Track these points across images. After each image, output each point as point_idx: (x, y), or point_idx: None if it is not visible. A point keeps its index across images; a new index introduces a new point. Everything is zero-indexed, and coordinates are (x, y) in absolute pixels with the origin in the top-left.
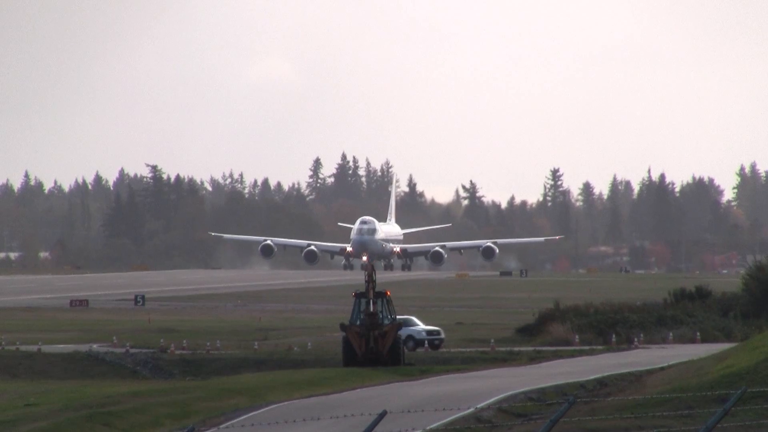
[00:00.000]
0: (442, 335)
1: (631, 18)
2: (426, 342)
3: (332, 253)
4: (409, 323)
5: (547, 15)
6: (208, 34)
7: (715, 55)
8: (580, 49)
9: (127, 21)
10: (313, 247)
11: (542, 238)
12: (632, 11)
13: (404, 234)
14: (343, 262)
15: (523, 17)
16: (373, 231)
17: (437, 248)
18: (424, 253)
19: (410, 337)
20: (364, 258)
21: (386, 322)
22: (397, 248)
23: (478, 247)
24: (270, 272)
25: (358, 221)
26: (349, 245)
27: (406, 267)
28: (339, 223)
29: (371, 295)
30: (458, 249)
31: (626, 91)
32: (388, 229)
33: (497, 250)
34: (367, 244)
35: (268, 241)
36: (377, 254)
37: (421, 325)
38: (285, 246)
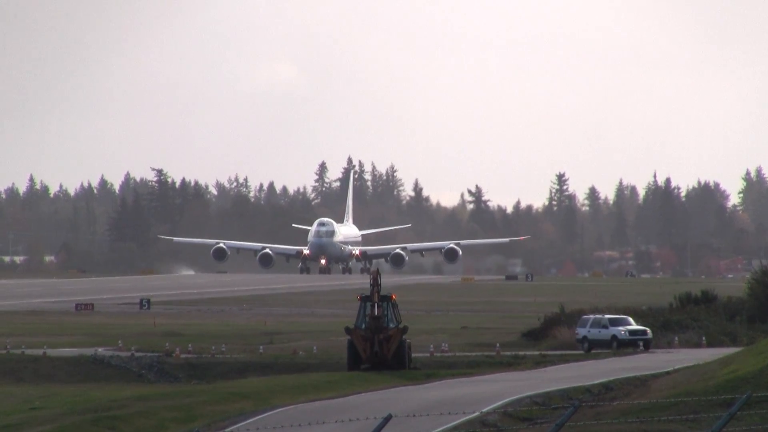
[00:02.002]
0: (649, 335)
1: (636, 22)
2: (624, 342)
3: (288, 255)
4: (619, 322)
5: (553, 19)
6: (213, 38)
7: (721, 59)
8: (585, 54)
9: (133, 25)
10: (267, 250)
11: (507, 239)
12: (638, 15)
13: (362, 235)
14: (300, 265)
15: (529, 21)
16: (332, 233)
17: (398, 250)
18: (384, 255)
19: (614, 337)
20: (322, 261)
21: (391, 325)
22: (356, 251)
23: (440, 248)
24: (274, 276)
25: (315, 223)
26: (306, 248)
27: (365, 270)
28: (293, 225)
29: (376, 298)
30: (420, 251)
31: (632, 95)
32: (347, 231)
33: (460, 252)
34: (325, 247)
35: (221, 244)
36: (335, 257)
37: (632, 325)
38: (238, 249)
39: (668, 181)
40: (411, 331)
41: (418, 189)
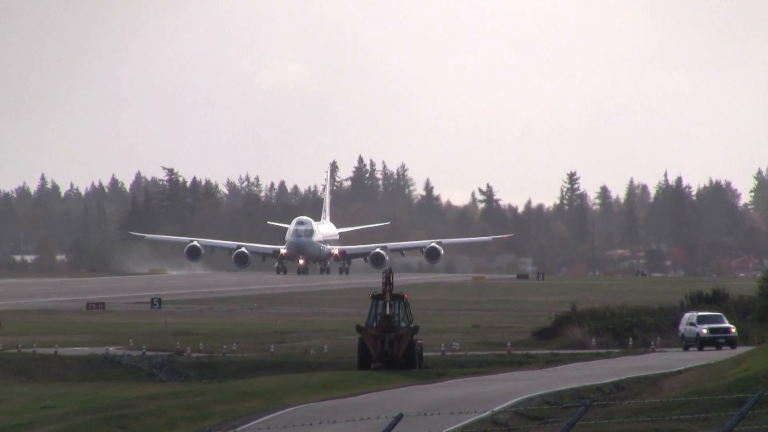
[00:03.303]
0: (732, 333)
1: (647, 21)
2: (705, 340)
3: (264, 255)
4: (707, 320)
5: (563, 18)
6: (223, 37)
7: (732, 58)
8: (596, 53)
9: (143, 24)
10: (243, 249)
11: (490, 237)
12: (648, 14)
13: (340, 233)
14: (276, 264)
15: (540, 21)
16: (311, 232)
17: (378, 249)
18: (363, 254)
19: (697, 334)
20: (301, 261)
21: (403, 325)
22: (335, 250)
23: (422, 247)
24: (288, 276)
25: (294, 221)
26: (284, 247)
27: (343, 270)
28: (269, 222)
29: (387, 297)
30: (400, 250)
31: (643, 94)
32: (325, 230)
33: (442, 251)
34: (303, 246)
35: (195, 243)
36: (314, 257)
37: (722, 323)
38: (213, 247)
39: (679, 180)
40: (422, 330)
41: (429, 188)
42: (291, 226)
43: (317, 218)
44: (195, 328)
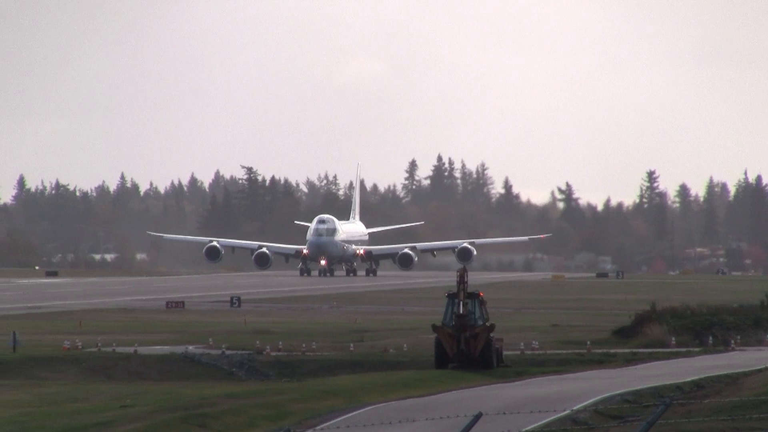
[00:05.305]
0: None
1: (722, 18)
2: None
3: (287, 255)
4: None
5: (640, 17)
6: (302, 35)
7: None
8: (676, 50)
9: (218, 24)
10: (264, 249)
11: (526, 237)
12: (725, 10)
13: (369, 234)
14: (300, 265)
15: (619, 19)
16: (333, 231)
17: (406, 250)
18: (391, 255)
19: None
20: (322, 262)
21: (479, 323)
22: (360, 250)
23: (453, 248)
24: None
25: (315, 220)
26: (305, 247)
27: (371, 271)
28: (296, 222)
29: (461, 296)
30: (430, 250)
31: (722, 92)
32: (351, 229)
33: (474, 252)
34: (324, 246)
35: (214, 243)
36: (337, 257)
37: None
38: (233, 248)
39: (759, 178)
40: (501, 329)
41: (507, 186)
42: (312, 225)
43: (395, 218)
44: (274, 326)
